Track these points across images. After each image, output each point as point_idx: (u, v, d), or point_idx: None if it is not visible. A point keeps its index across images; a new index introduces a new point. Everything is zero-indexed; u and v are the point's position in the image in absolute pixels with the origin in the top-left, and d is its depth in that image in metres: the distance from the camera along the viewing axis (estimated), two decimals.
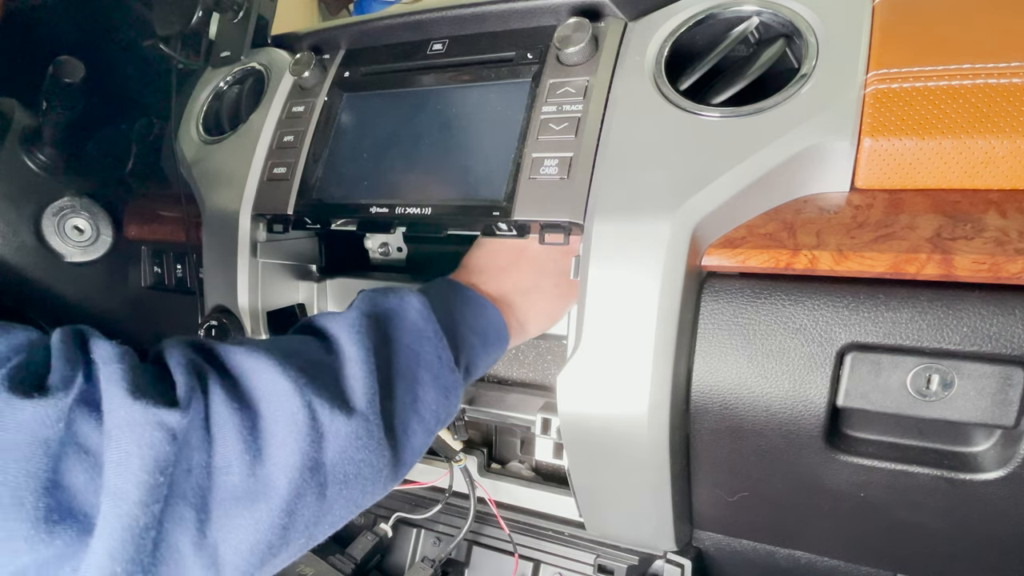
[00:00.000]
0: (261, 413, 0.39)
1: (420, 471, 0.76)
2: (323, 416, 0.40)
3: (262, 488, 0.38)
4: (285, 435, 0.39)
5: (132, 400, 0.34)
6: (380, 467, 0.44)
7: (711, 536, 0.67)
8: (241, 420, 0.38)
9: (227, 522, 0.37)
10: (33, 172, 0.80)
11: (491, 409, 0.67)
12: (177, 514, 0.35)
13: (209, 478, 0.36)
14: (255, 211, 0.67)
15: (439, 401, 0.48)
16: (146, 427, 0.34)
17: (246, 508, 0.37)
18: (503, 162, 0.56)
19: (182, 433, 0.35)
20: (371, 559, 0.79)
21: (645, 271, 0.50)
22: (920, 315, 0.47)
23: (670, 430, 0.53)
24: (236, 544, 0.37)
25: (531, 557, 0.74)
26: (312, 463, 0.39)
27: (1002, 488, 0.49)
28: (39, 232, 0.80)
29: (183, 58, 0.78)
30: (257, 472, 0.38)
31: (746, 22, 0.55)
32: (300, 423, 0.39)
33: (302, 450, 0.39)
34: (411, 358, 0.47)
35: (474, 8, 0.61)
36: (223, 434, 0.37)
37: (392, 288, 0.50)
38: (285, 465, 0.38)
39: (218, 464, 0.37)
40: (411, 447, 0.47)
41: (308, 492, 0.39)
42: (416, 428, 0.47)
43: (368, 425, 0.42)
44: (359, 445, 0.42)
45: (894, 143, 0.47)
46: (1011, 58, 0.46)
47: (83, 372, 0.35)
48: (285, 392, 0.39)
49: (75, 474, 0.33)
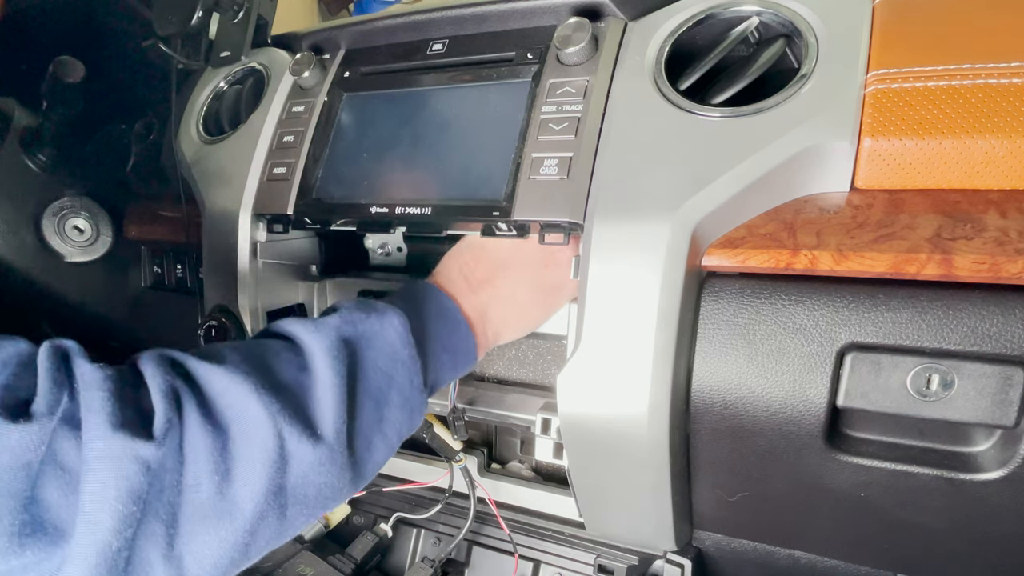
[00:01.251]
0: (232, 435, 0.40)
1: (420, 471, 0.76)
2: (290, 444, 0.42)
3: (228, 508, 0.39)
4: (254, 459, 0.40)
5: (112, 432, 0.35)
6: (340, 487, 0.45)
7: (711, 536, 0.67)
8: (213, 442, 0.39)
9: (194, 538, 0.38)
10: (33, 172, 0.80)
11: (491, 409, 0.67)
12: (149, 529, 0.37)
13: (179, 495, 0.38)
14: (255, 211, 0.67)
15: (403, 420, 0.50)
16: (124, 460, 0.35)
17: (212, 526, 0.39)
18: (503, 162, 0.56)
19: (157, 464, 0.37)
20: (371, 559, 0.79)
21: (645, 271, 0.50)
22: (920, 315, 0.47)
23: (670, 430, 0.53)
24: (200, 558, 0.39)
25: (531, 557, 0.74)
26: (276, 487, 0.41)
27: (1002, 488, 0.49)
28: (39, 232, 0.80)
29: (183, 58, 0.78)
30: (225, 492, 0.39)
31: (746, 22, 0.55)
32: (268, 449, 0.41)
33: (268, 475, 0.41)
34: (383, 381, 0.48)
35: (474, 8, 0.61)
36: (195, 455, 0.39)
37: (375, 306, 0.50)
38: (252, 488, 0.40)
39: (188, 482, 0.38)
40: (372, 462, 0.48)
41: (270, 514, 0.41)
42: (379, 445, 0.48)
43: (332, 453, 0.44)
44: (321, 471, 0.43)
45: (894, 143, 0.47)
46: (1011, 58, 0.46)
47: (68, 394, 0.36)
48: (257, 417, 0.41)
49: (50, 490, 0.34)
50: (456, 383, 0.66)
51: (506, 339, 0.60)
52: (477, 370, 0.72)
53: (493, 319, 0.58)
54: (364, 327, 0.49)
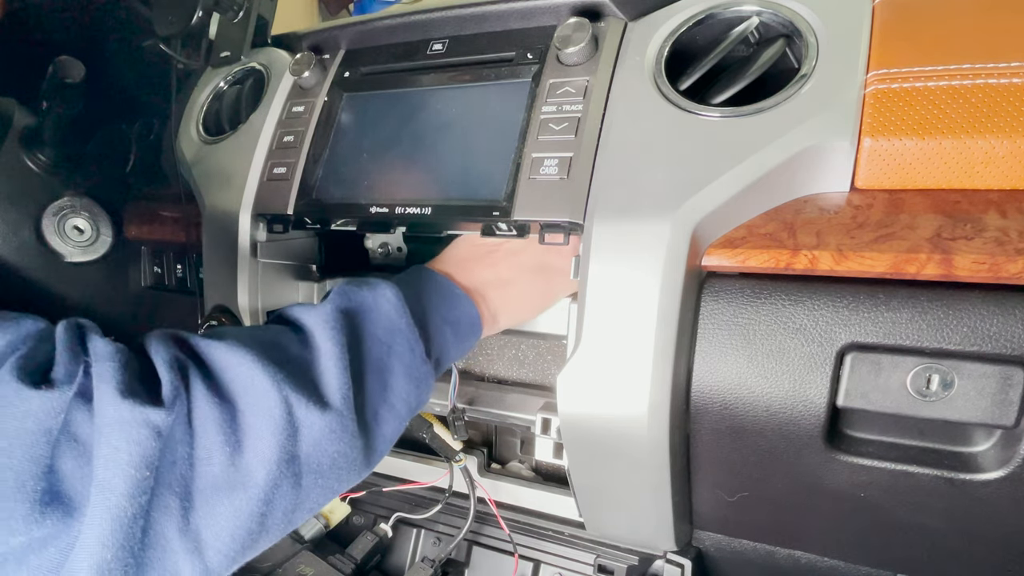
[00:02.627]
0: (240, 408, 0.41)
1: (420, 471, 0.76)
2: (299, 411, 0.42)
3: (241, 478, 0.40)
4: (263, 428, 0.41)
5: (121, 399, 0.36)
6: (353, 457, 0.46)
7: (711, 536, 0.67)
8: (221, 414, 0.40)
9: (209, 510, 0.39)
10: (33, 172, 0.80)
11: (491, 409, 0.67)
12: (163, 503, 0.37)
13: (192, 468, 0.38)
14: (255, 211, 0.67)
15: (410, 391, 0.50)
16: (134, 425, 0.36)
17: (226, 496, 0.39)
18: (503, 162, 0.56)
19: (167, 430, 0.37)
20: (371, 559, 0.79)
21: (645, 271, 0.50)
22: (920, 315, 0.47)
23: (670, 430, 0.53)
24: (218, 530, 0.39)
25: (531, 557, 0.74)
26: (288, 455, 0.41)
27: (1002, 488, 0.49)
28: (39, 232, 0.80)
29: (183, 58, 0.78)
30: (236, 463, 0.40)
31: (746, 22, 0.55)
32: (277, 418, 0.41)
33: (279, 443, 0.41)
34: (383, 350, 0.49)
35: (474, 8, 0.61)
36: (204, 428, 0.39)
37: (367, 281, 0.52)
38: (263, 457, 0.40)
39: (200, 455, 0.39)
40: (382, 435, 0.49)
41: (284, 482, 0.41)
42: (387, 416, 0.49)
43: (342, 419, 0.44)
44: (333, 438, 0.44)
45: (894, 143, 0.47)
46: (1011, 58, 0.46)
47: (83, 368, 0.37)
48: (263, 388, 0.41)
49: (66, 460, 0.35)
50: (456, 383, 0.66)
51: (507, 321, 0.60)
52: (477, 370, 0.72)
53: (491, 299, 0.57)
54: (358, 299, 0.50)
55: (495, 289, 0.58)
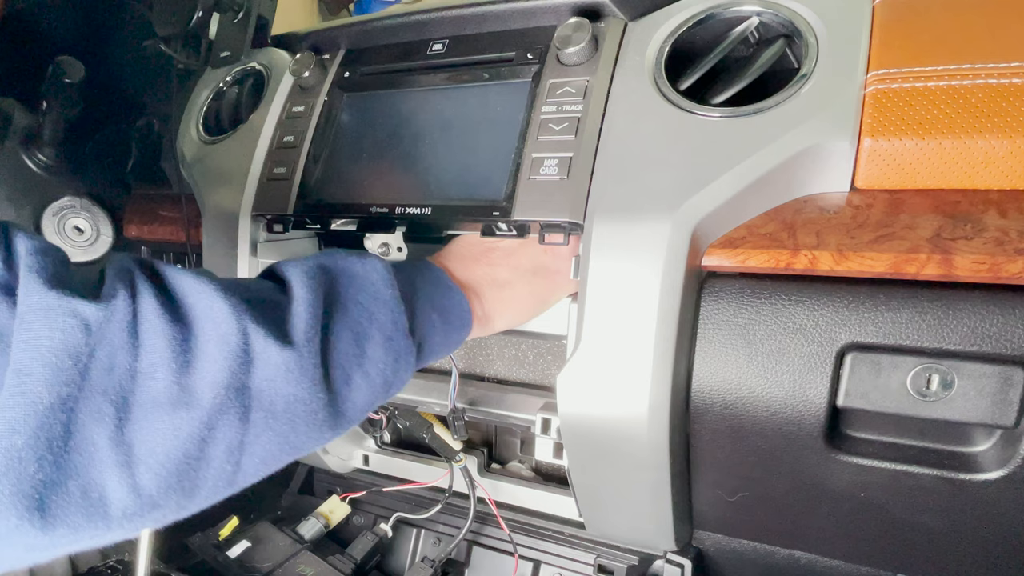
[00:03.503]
0: (194, 329, 0.40)
1: (420, 471, 0.76)
2: (256, 342, 0.41)
3: (185, 398, 0.38)
4: (215, 352, 0.39)
5: (47, 288, 0.35)
6: (314, 408, 0.44)
7: (711, 536, 0.67)
8: (172, 331, 0.38)
9: (146, 424, 0.37)
10: (33, 172, 0.80)
11: (491, 409, 0.67)
12: (94, 407, 0.36)
13: (132, 380, 0.37)
14: (255, 211, 0.67)
15: (387, 363, 0.48)
16: (59, 313, 0.34)
17: (166, 413, 0.38)
18: (503, 162, 0.56)
19: (97, 325, 0.36)
20: (371, 559, 0.79)
21: (645, 271, 0.50)
22: (920, 315, 0.47)
23: (670, 430, 0.53)
24: (152, 446, 0.37)
25: (531, 557, 0.74)
26: (239, 383, 0.40)
27: (1002, 488, 0.49)
28: (39, 232, 0.80)
29: (183, 58, 0.78)
30: (182, 382, 0.38)
31: (746, 22, 0.55)
32: (232, 344, 0.40)
33: (230, 368, 0.40)
34: (363, 315, 0.47)
35: (474, 8, 0.61)
36: (152, 341, 0.38)
37: (356, 252, 0.51)
38: (211, 381, 0.39)
39: (143, 368, 0.37)
40: (352, 400, 0.47)
41: (231, 410, 0.40)
42: (360, 383, 0.47)
43: (301, 360, 0.42)
44: (289, 378, 0.42)
45: (894, 143, 0.47)
46: (1011, 58, 0.46)
47: (3, 264, 0.35)
48: (222, 313, 0.40)
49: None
50: (456, 383, 0.66)
51: (500, 323, 0.58)
52: (477, 370, 0.72)
53: (486, 298, 0.56)
54: (345, 264, 0.49)
55: (491, 289, 0.57)
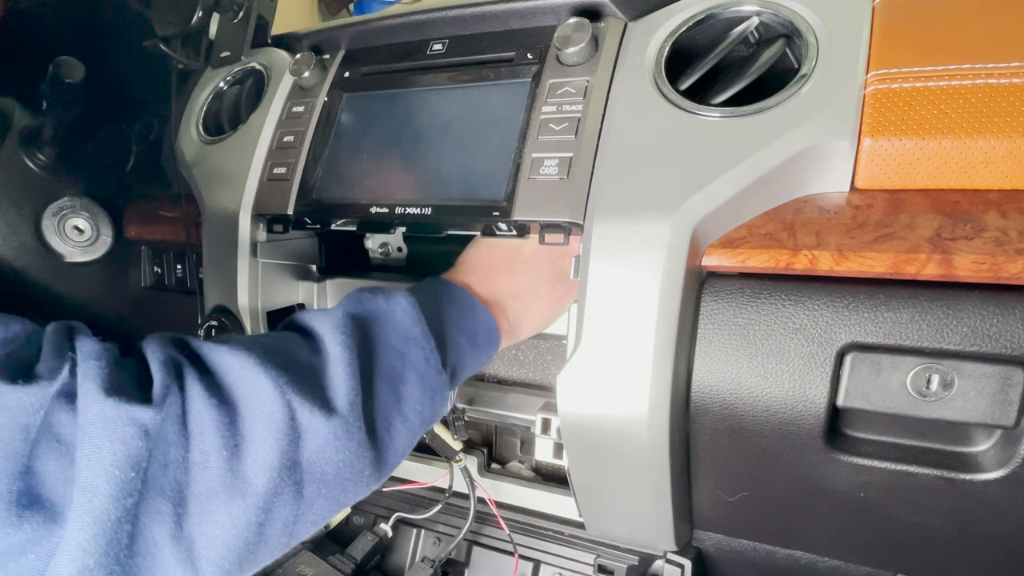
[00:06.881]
0: (240, 411, 0.39)
1: (420, 471, 0.76)
2: (302, 416, 0.40)
3: (239, 484, 0.38)
4: (264, 432, 0.39)
5: (105, 396, 0.35)
6: (361, 468, 0.44)
7: (711, 536, 0.67)
8: (219, 416, 0.38)
9: (204, 517, 0.37)
10: (33, 172, 0.80)
11: (491, 409, 0.67)
12: (154, 508, 0.36)
13: (186, 472, 0.37)
14: (255, 211, 0.67)
15: (424, 402, 0.48)
16: (118, 423, 0.34)
17: (223, 503, 0.37)
18: (503, 162, 0.56)
19: (155, 429, 0.35)
20: (371, 559, 0.79)
21: (645, 271, 0.50)
22: (920, 315, 0.47)
23: (670, 430, 0.53)
24: (212, 539, 0.37)
25: (531, 557, 0.74)
26: (290, 462, 0.40)
27: (1002, 488, 0.49)
28: (39, 232, 0.80)
29: (183, 58, 0.78)
30: (234, 468, 0.38)
31: (746, 22, 0.55)
32: (279, 421, 0.39)
33: (280, 448, 0.39)
34: (396, 359, 0.47)
35: (474, 8, 0.61)
36: (201, 429, 0.38)
37: (381, 288, 0.50)
38: (263, 463, 0.39)
39: (195, 459, 0.37)
40: (394, 448, 0.47)
41: (285, 490, 0.40)
42: (400, 428, 0.47)
43: (348, 427, 0.42)
44: (338, 446, 0.42)
45: (894, 143, 0.47)
46: (1011, 58, 0.46)
47: (68, 367, 0.36)
48: (265, 390, 0.40)
49: (46, 461, 0.33)
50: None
51: (526, 332, 0.59)
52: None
53: (512, 308, 0.56)
54: (372, 306, 0.48)
55: (515, 300, 0.57)
